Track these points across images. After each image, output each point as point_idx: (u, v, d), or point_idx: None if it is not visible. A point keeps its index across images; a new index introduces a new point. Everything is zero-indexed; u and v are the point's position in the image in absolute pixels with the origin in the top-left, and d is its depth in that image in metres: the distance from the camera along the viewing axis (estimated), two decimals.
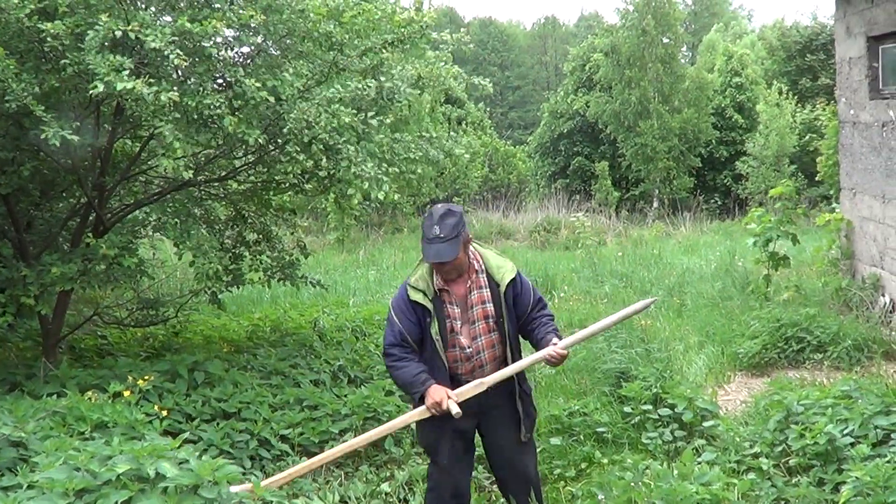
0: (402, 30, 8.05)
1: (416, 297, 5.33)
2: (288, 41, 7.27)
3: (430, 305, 5.32)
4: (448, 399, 5.14)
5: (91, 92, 5.97)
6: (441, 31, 8.85)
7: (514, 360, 5.44)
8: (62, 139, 6.04)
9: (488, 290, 5.39)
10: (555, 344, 5.22)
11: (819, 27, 36.09)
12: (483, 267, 5.41)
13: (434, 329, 5.33)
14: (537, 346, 5.42)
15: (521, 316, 5.48)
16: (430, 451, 5.64)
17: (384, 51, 7.88)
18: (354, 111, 7.26)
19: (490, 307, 5.38)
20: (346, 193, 7.42)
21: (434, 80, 8.74)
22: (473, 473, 6.04)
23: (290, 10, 7.01)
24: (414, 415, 5.36)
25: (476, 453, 5.89)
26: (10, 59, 6.03)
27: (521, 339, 5.65)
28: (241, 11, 6.77)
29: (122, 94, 6.03)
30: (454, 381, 5.38)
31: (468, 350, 5.38)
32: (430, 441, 5.57)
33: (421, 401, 5.25)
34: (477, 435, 5.70)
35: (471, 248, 5.43)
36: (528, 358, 5.40)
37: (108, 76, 5.92)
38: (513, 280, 5.41)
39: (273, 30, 7.17)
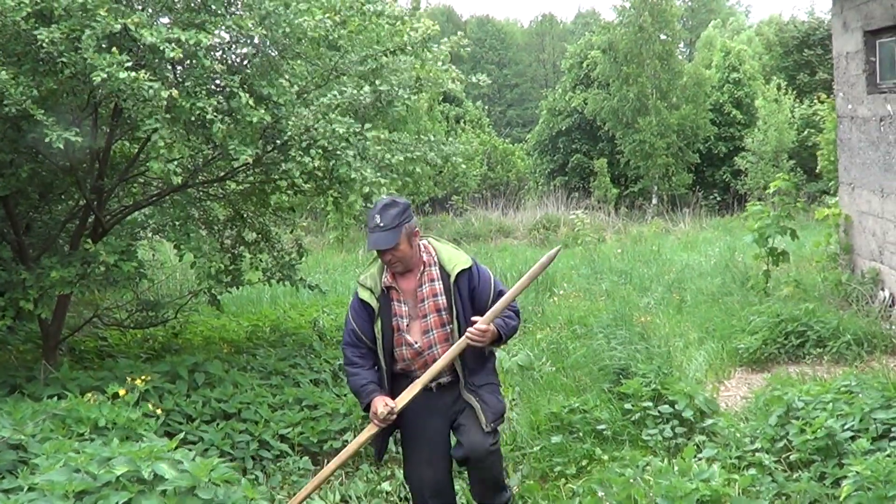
0: (405, 38, 8.05)
1: (364, 295, 5.40)
2: (286, 42, 7.25)
3: (374, 304, 5.36)
4: (385, 406, 5.22)
5: (95, 80, 5.97)
6: (440, 39, 8.82)
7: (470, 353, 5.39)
8: (65, 141, 6.04)
9: (440, 282, 5.37)
10: (473, 322, 5.20)
11: (816, 22, 36.07)
12: (436, 260, 5.41)
13: (377, 327, 5.37)
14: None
15: (480, 311, 5.35)
16: (406, 448, 5.67)
17: (385, 56, 7.89)
18: (352, 120, 7.26)
19: (442, 300, 5.36)
20: (347, 197, 7.43)
21: (433, 81, 8.73)
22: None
23: (287, 24, 7.01)
24: (366, 433, 5.41)
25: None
26: (6, 69, 6.02)
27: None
28: (239, 19, 6.76)
29: (122, 88, 6.04)
30: (409, 379, 5.40)
31: (416, 346, 5.36)
32: (403, 441, 5.66)
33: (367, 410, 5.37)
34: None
35: (423, 241, 5.44)
36: (449, 351, 5.30)
37: (110, 68, 5.94)
38: (465, 271, 5.38)
39: (270, 35, 7.16)
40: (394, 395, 5.35)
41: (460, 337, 5.31)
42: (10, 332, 8.92)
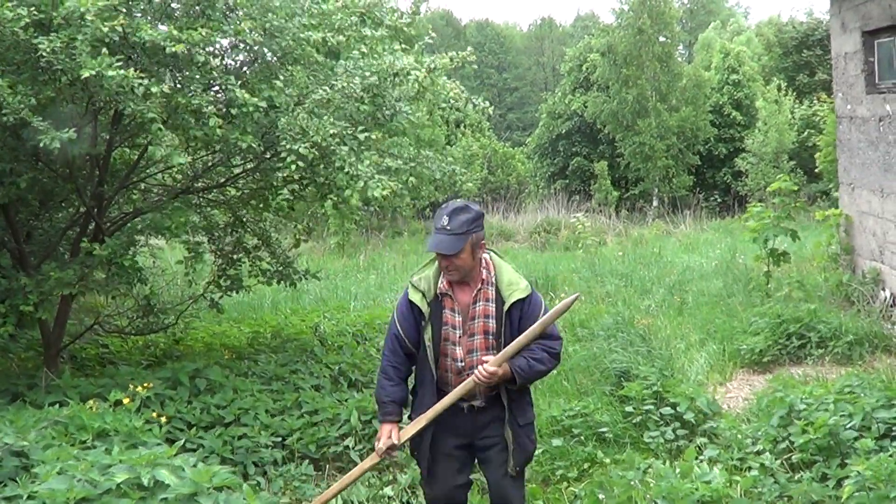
0: (399, 24, 8.06)
1: (415, 297, 5.06)
2: (286, 48, 7.26)
3: (425, 308, 5.03)
4: (388, 439, 5.02)
5: (82, 77, 5.96)
6: (442, 41, 8.80)
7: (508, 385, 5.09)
8: (62, 143, 6.04)
9: (494, 304, 5.01)
10: (483, 363, 4.88)
11: (815, 23, 36.09)
12: (494, 280, 5.04)
13: (427, 334, 5.04)
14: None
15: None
16: (420, 463, 5.33)
17: (387, 80, 7.85)
18: (347, 124, 7.25)
19: (492, 323, 5.01)
20: (344, 195, 7.39)
21: (434, 94, 8.71)
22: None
23: (289, 35, 7.02)
24: (368, 463, 5.25)
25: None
26: (4, 77, 6.03)
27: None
28: (238, 25, 6.78)
29: (114, 87, 6.04)
30: (442, 394, 5.08)
31: (460, 363, 5.04)
32: (420, 455, 5.29)
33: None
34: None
35: (485, 256, 5.08)
36: (459, 387, 4.99)
37: (99, 67, 5.94)
38: (521, 300, 5.01)
39: (270, 44, 7.17)
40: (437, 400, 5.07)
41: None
42: (11, 339, 8.92)
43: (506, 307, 4.99)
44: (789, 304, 10.62)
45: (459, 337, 5.03)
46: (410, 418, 5.24)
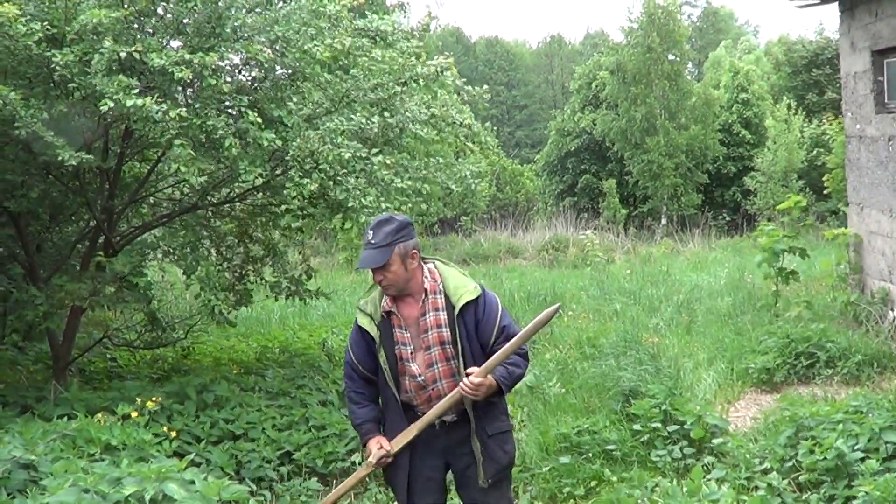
0: (418, 71, 8.07)
1: (363, 321, 4.94)
2: (296, 65, 7.29)
3: (374, 332, 4.91)
4: (380, 449, 4.86)
5: (102, 109, 6.00)
6: (453, 59, 8.82)
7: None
8: (76, 161, 6.08)
9: (445, 312, 4.87)
10: (468, 375, 4.71)
11: (824, 42, 36.13)
12: (441, 287, 4.90)
13: (382, 357, 4.90)
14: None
15: (484, 346, 4.89)
16: (398, 491, 5.08)
17: (396, 86, 7.89)
18: (359, 145, 7.27)
19: (446, 332, 4.85)
20: (360, 222, 7.41)
21: (446, 121, 8.74)
22: None
23: (297, 50, 7.04)
24: (361, 473, 5.15)
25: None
26: (16, 91, 6.07)
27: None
28: (249, 44, 6.82)
29: (131, 112, 6.08)
30: (410, 413, 4.97)
31: (420, 378, 4.87)
32: (397, 482, 5.05)
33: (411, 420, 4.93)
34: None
35: (429, 266, 4.96)
36: (444, 400, 4.83)
37: (118, 94, 5.97)
38: (471, 302, 4.86)
39: (281, 60, 7.20)
40: (408, 425, 4.91)
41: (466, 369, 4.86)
42: (20, 352, 8.97)
43: (456, 311, 4.85)
44: (798, 324, 10.60)
45: (412, 353, 4.88)
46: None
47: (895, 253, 10.98)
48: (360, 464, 7.14)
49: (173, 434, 6.53)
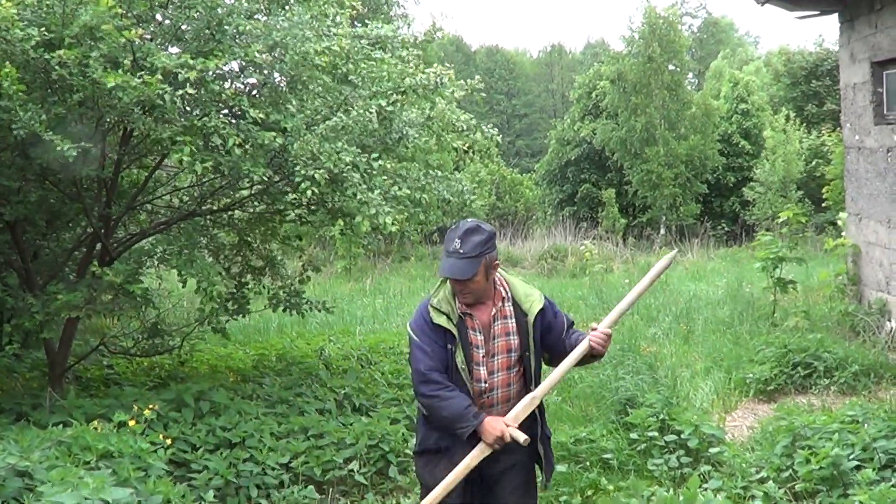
0: (416, 80, 8.06)
1: (440, 320, 4.76)
2: (294, 72, 7.30)
3: (454, 330, 4.76)
4: (508, 428, 4.62)
5: (107, 85, 5.99)
6: (453, 69, 8.81)
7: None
8: (69, 163, 6.08)
9: (514, 320, 4.85)
10: (594, 329, 4.76)
11: (824, 53, 36.12)
12: (510, 295, 4.90)
13: (459, 357, 4.76)
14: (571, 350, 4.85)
15: (553, 345, 4.92)
16: (451, 490, 4.75)
17: (395, 95, 7.90)
18: (359, 150, 7.28)
19: (514, 340, 4.84)
20: (355, 222, 7.40)
21: (443, 122, 8.73)
22: None
23: (294, 53, 7.04)
24: (476, 455, 4.67)
25: None
26: (19, 85, 6.07)
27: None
28: (247, 48, 6.82)
29: (140, 97, 6.09)
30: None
31: (484, 384, 4.80)
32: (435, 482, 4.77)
33: (471, 437, 4.66)
34: None
35: (497, 274, 4.91)
36: (569, 358, 4.77)
37: (121, 78, 5.99)
38: (542, 309, 4.88)
39: (279, 66, 7.21)
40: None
41: (525, 383, 4.89)
42: (16, 359, 8.95)
43: (530, 319, 4.85)
44: (796, 334, 10.61)
45: (483, 357, 4.81)
46: (416, 453, 5.03)
47: (893, 264, 10.99)
48: (358, 471, 7.16)
49: (169, 442, 6.52)
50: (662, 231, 32.86)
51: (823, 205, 19.09)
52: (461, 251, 4.64)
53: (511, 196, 35.87)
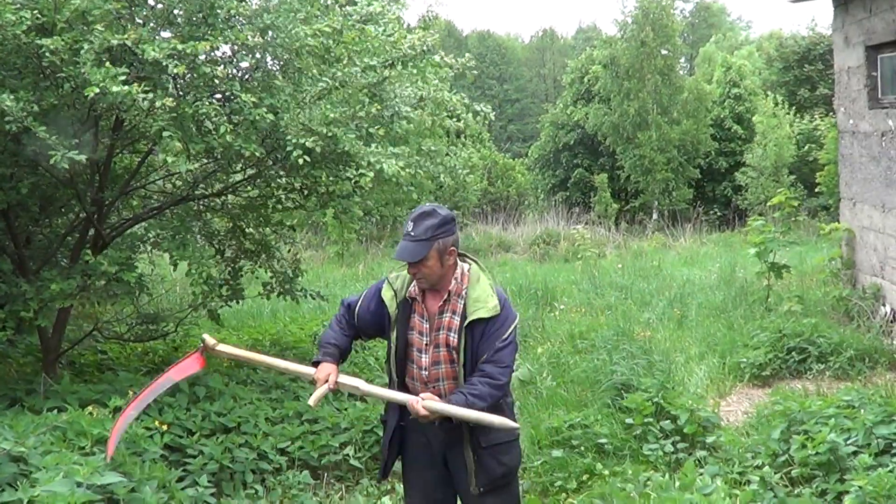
0: (405, 50, 8.02)
1: (386, 294, 4.85)
2: (286, 56, 7.26)
3: (392, 310, 4.82)
4: (324, 382, 4.81)
5: (88, 95, 5.95)
6: (445, 53, 8.79)
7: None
8: (69, 162, 6.04)
9: (458, 317, 4.74)
10: (422, 399, 4.54)
11: (817, 37, 36.13)
12: (465, 292, 4.76)
13: (393, 336, 4.83)
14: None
15: (476, 361, 4.71)
16: (411, 485, 5.09)
17: (385, 70, 7.86)
18: (346, 108, 7.26)
19: (453, 337, 4.74)
20: (358, 174, 7.33)
21: (436, 102, 8.71)
22: None
23: (286, 35, 7.00)
24: (301, 369, 5.06)
25: None
26: (6, 88, 6.02)
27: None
28: (239, 32, 6.77)
29: (118, 102, 6.04)
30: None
31: (424, 372, 4.79)
32: (411, 480, 5.06)
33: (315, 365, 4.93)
34: None
35: (463, 266, 4.82)
36: (399, 394, 4.74)
37: (104, 82, 5.92)
38: (483, 319, 4.67)
39: (271, 49, 7.17)
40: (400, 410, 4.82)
41: (465, 379, 4.72)
42: (10, 345, 8.91)
43: (465, 323, 4.70)
44: (790, 319, 10.62)
45: (426, 345, 4.79)
46: (383, 420, 5.14)
47: (887, 248, 11.00)
48: (353, 456, 7.15)
49: (165, 427, 6.50)
50: (655, 216, 32.91)
51: (816, 189, 19.08)
52: (412, 233, 4.61)
53: (503, 181, 35.83)
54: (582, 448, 7.30)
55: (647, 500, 5.91)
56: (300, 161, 6.87)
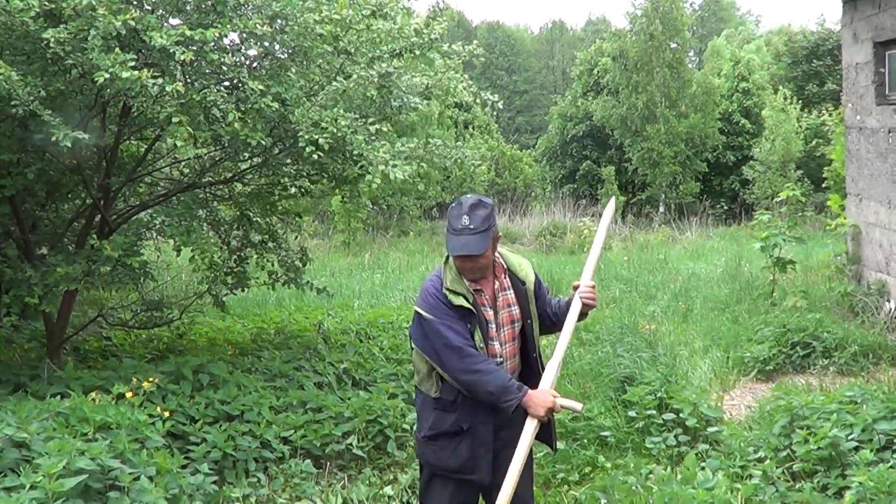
0: (412, 40, 8.00)
1: (459, 301, 4.63)
2: (294, 45, 7.25)
3: (473, 309, 4.66)
4: (557, 398, 4.55)
5: (97, 81, 5.95)
6: (452, 41, 8.79)
7: (539, 369, 4.81)
8: (72, 140, 6.04)
9: (513, 291, 4.81)
10: (577, 287, 4.80)
11: (826, 33, 36.03)
12: (505, 266, 4.83)
13: (478, 336, 4.67)
14: (563, 315, 4.85)
15: (542, 311, 4.93)
16: (479, 467, 4.74)
17: (393, 60, 7.85)
18: (356, 116, 7.25)
19: (516, 310, 4.80)
20: (365, 180, 7.33)
21: (443, 90, 8.69)
22: None
23: (294, 24, 6.99)
24: (532, 430, 4.57)
25: None
26: (11, 69, 6.01)
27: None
28: (247, 20, 6.76)
29: (127, 87, 6.04)
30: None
31: (499, 359, 4.73)
32: (477, 458, 4.73)
33: (515, 411, 4.55)
34: None
35: None
36: (570, 318, 4.79)
37: (113, 67, 5.92)
38: (536, 277, 4.92)
39: (280, 37, 7.16)
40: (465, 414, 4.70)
41: (529, 352, 4.84)
42: (14, 330, 8.94)
43: (529, 286, 4.85)
44: (794, 314, 10.61)
45: (496, 331, 4.76)
46: (428, 438, 4.81)
47: (892, 244, 10.98)
48: (356, 445, 7.16)
49: (168, 414, 6.51)
50: (662, 209, 32.89)
51: (823, 185, 18.98)
52: (471, 227, 4.54)
53: (510, 172, 35.87)
54: (585, 440, 7.31)
55: (649, 492, 5.91)
56: (313, 157, 6.89)
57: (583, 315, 4.90)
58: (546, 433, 4.91)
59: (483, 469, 4.72)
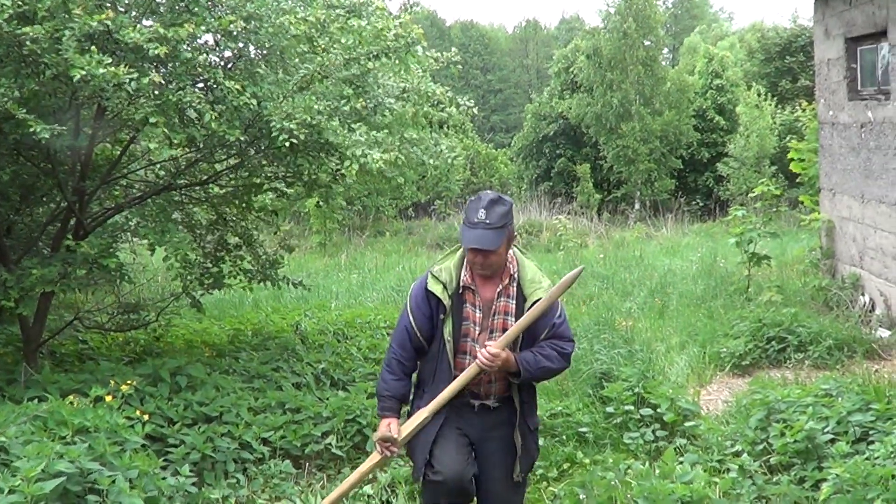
0: (389, 44, 8.00)
1: (435, 288, 4.74)
2: (269, 44, 7.24)
3: (446, 301, 4.74)
4: (386, 430, 4.78)
5: (74, 77, 5.92)
6: (428, 44, 8.78)
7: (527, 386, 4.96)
8: (50, 134, 6.02)
9: (514, 301, 4.80)
10: (485, 349, 4.63)
11: (798, 29, 36.24)
12: (517, 276, 4.83)
13: (447, 328, 4.76)
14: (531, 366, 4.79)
15: (534, 340, 4.82)
16: (419, 458, 4.89)
17: (369, 62, 7.84)
18: (330, 101, 7.24)
19: (511, 321, 4.77)
20: (344, 166, 7.30)
21: (419, 94, 8.69)
22: None
23: (269, 24, 6.98)
24: (373, 462, 4.94)
25: None
26: None
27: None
28: (221, 19, 6.74)
29: (102, 86, 6.02)
30: (460, 393, 4.78)
31: (469, 359, 4.78)
32: (420, 449, 4.87)
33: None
34: None
35: (511, 251, 4.88)
36: (463, 374, 4.73)
37: (88, 65, 5.90)
38: (539, 301, 4.75)
39: (254, 38, 7.14)
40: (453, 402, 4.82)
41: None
42: None
43: (527, 304, 4.77)
44: (770, 308, 10.67)
45: (479, 334, 4.79)
46: (409, 414, 5.01)
47: (866, 238, 11.07)
48: (335, 446, 7.16)
49: (146, 417, 6.49)
50: (637, 206, 33.01)
51: (797, 180, 19.07)
52: (488, 221, 4.57)
53: (486, 171, 35.87)
54: (563, 437, 7.33)
55: (628, 487, 5.93)
56: (286, 145, 6.84)
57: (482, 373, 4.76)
58: (510, 454, 4.96)
59: (420, 453, 4.88)
